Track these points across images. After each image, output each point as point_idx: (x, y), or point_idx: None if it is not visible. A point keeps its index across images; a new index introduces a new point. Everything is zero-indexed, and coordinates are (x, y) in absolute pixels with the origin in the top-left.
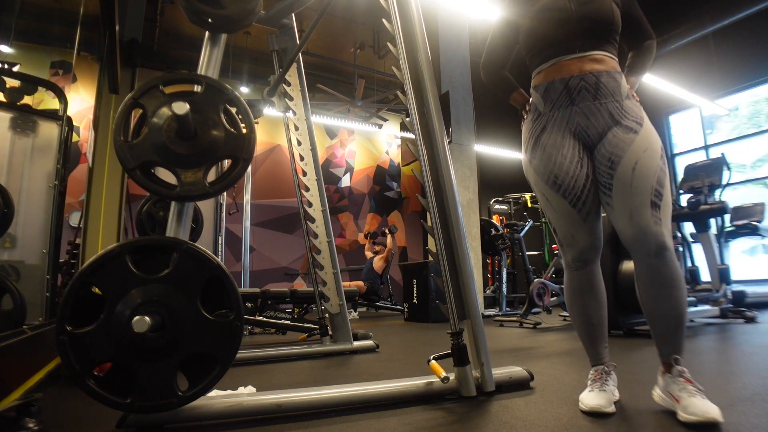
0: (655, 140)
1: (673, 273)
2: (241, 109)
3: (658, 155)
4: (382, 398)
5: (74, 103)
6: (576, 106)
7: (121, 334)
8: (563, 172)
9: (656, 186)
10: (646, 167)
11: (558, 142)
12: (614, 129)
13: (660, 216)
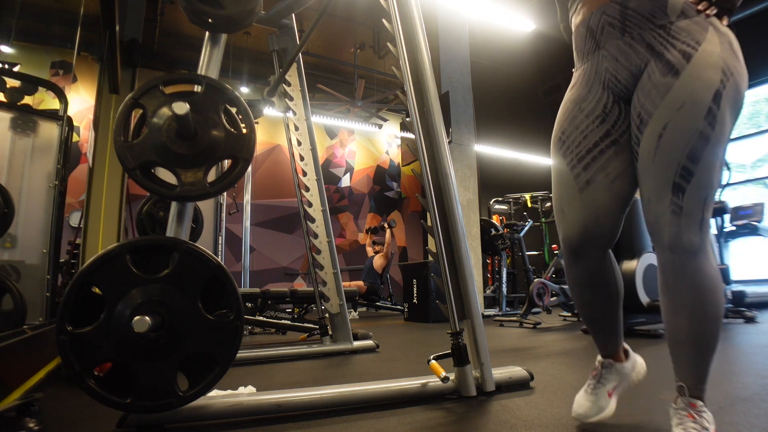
0: (704, 83)
1: (699, 279)
2: (241, 109)
3: (703, 109)
4: (382, 398)
5: (74, 103)
6: (603, 49)
7: (122, 334)
8: (573, 126)
9: (685, 161)
10: (676, 134)
11: (581, 95)
12: (651, 65)
13: (683, 203)
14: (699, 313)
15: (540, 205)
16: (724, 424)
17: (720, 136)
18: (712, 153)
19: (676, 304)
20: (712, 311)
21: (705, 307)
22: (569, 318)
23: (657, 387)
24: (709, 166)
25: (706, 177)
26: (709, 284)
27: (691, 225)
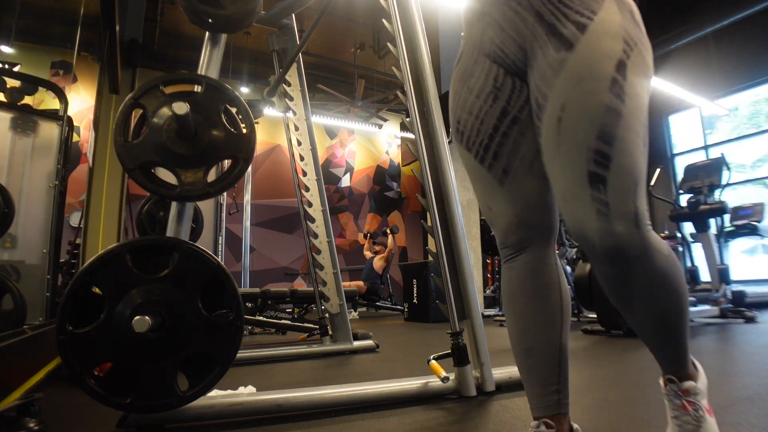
0: (604, 53)
1: (653, 284)
2: (242, 109)
3: (606, 81)
4: (382, 398)
5: (74, 103)
6: (487, 14)
7: (122, 334)
8: (466, 113)
9: (597, 144)
10: (578, 113)
11: (467, 70)
12: (543, 40)
13: (607, 197)
14: (663, 314)
15: None
16: (724, 424)
17: (635, 110)
18: (629, 130)
19: (635, 311)
20: (676, 305)
21: (667, 305)
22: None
23: (657, 387)
24: (628, 145)
25: (629, 159)
26: (666, 283)
27: (625, 226)
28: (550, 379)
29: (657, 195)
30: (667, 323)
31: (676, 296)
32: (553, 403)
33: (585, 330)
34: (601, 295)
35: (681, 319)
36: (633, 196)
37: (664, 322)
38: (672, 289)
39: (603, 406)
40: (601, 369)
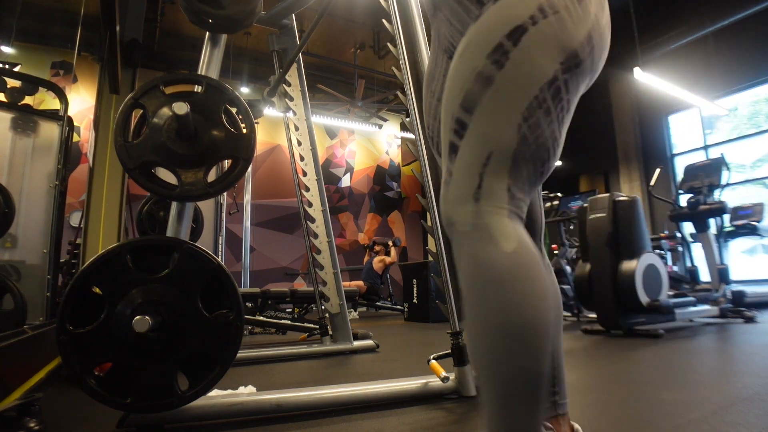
0: (501, 19)
1: (473, 270)
2: (242, 109)
3: (488, 46)
4: (382, 398)
5: (75, 104)
6: (439, 9)
7: (122, 334)
8: (431, 117)
9: (458, 112)
10: (452, 83)
11: (430, 72)
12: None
13: (453, 166)
14: (476, 317)
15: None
16: (724, 424)
17: (517, 77)
18: (499, 98)
19: (464, 303)
20: (488, 318)
21: (479, 309)
22: (569, 318)
23: (657, 387)
24: (491, 114)
25: (488, 129)
26: (484, 276)
27: (460, 194)
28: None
29: (657, 195)
30: (478, 342)
31: (491, 312)
32: (550, 405)
33: (585, 330)
34: (601, 295)
35: (498, 347)
36: (481, 167)
37: (476, 337)
38: (490, 299)
39: (603, 406)
40: (601, 369)
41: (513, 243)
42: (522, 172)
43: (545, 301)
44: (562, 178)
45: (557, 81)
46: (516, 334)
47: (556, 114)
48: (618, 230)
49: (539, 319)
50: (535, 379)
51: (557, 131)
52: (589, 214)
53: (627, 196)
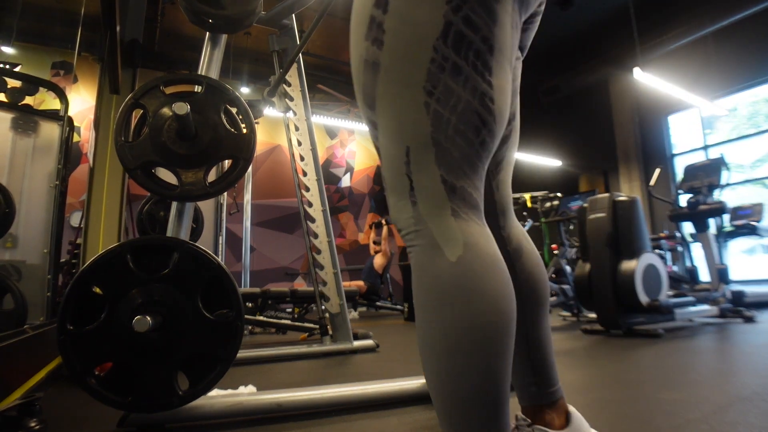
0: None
1: (416, 281)
2: (242, 109)
3: (364, 25)
4: (382, 398)
5: (75, 104)
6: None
7: (122, 334)
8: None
9: (367, 112)
10: (354, 79)
11: None
12: None
13: (384, 170)
14: (423, 335)
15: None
16: (724, 424)
17: (401, 51)
18: (391, 84)
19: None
20: (435, 336)
21: (426, 327)
22: (569, 318)
23: (657, 387)
24: (391, 103)
25: (393, 122)
26: (429, 291)
27: (396, 200)
28: (524, 372)
29: (657, 195)
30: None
31: (429, 325)
32: (531, 394)
33: (585, 330)
34: (601, 294)
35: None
36: (404, 167)
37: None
38: (432, 312)
39: (603, 405)
40: (601, 369)
41: (458, 249)
42: (453, 154)
43: (497, 314)
44: (562, 178)
45: (452, 25)
46: (464, 353)
47: (470, 64)
48: (618, 230)
49: (489, 334)
50: (487, 397)
51: (482, 83)
52: (589, 214)
53: (627, 196)
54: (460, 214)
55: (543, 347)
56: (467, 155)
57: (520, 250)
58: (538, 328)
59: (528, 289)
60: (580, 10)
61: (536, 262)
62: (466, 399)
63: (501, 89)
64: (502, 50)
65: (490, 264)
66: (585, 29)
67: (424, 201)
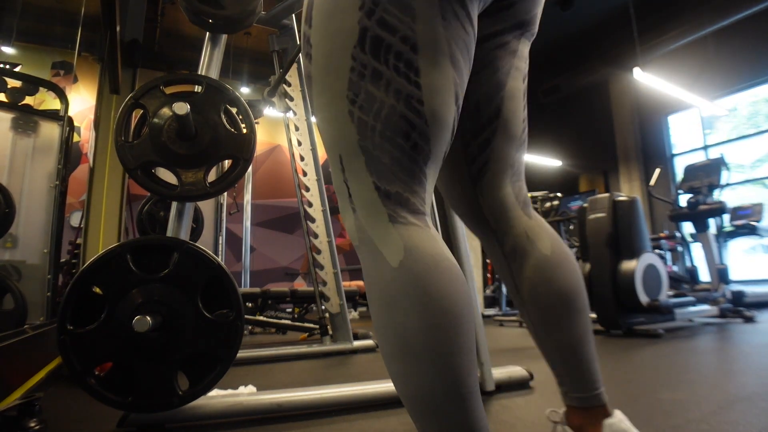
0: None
1: (366, 288)
2: (242, 109)
3: (302, 43)
4: (382, 398)
5: (75, 104)
6: None
7: (122, 334)
8: None
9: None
10: None
11: None
12: None
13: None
14: (379, 340)
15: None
16: (723, 424)
17: (324, 63)
18: (320, 95)
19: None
20: (388, 340)
21: (379, 332)
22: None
23: (656, 387)
24: (323, 114)
25: (327, 133)
26: (377, 298)
27: (342, 208)
28: (556, 372)
29: (657, 195)
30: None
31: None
32: (562, 394)
33: None
34: (601, 295)
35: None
36: (341, 175)
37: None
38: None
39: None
40: (601, 369)
41: (399, 254)
42: (383, 160)
43: (442, 315)
44: (561, 178)
45: (367, 30)
46: (416, 354)
47: (391, 68)
48: (618, 230)
49: (437, 335)
50: (447, 396)
51: (407, 85)
52: (589, 214)
53: (627, 196)
54: (398, 219)
55: (561, 351)
56: (398, 160)
57: (515, 253)
58: (551, 332)
59: (527, 293)
60: (580, 10)
61: (538, 264)
62: (428, 399)
63: (434, 88)
64: (433, 46)
65: (433, 265)
66: (585, 29)
67: (361, 208)
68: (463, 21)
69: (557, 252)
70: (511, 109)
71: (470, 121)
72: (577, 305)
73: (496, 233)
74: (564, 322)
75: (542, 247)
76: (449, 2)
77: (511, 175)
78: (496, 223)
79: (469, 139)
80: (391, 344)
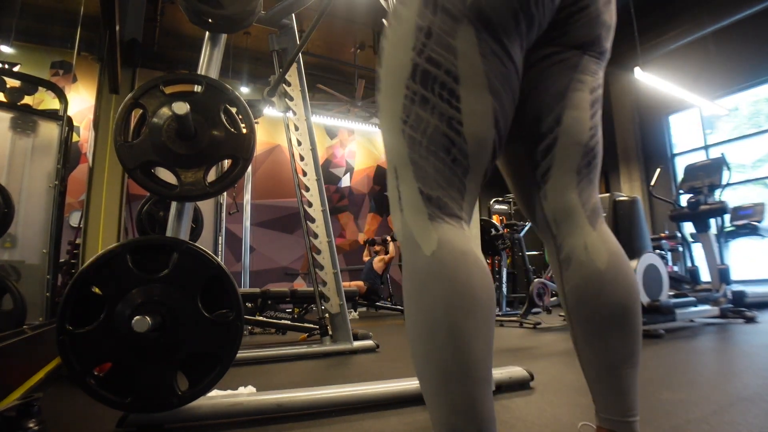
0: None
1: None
2: (241, 109)
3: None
4: (382, 398)
5: (74, 103)
6: None
7: (122, 334)
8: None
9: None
10: None
11: None
12: None
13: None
14: (407, 323)
15: None
16: (724, 424)
17: (384, 92)
18: (382, 117)
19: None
20: (415, 322)
21: (408, 314)
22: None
23: (657, 387)
24: (383, 131)
25: (386, 147)
26: (411, 282)
27: (392, 210)
28: (589, 387)
29: (657, 195)
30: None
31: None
32: (595, 412)
33: None
34: None
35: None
36: (395, 182)
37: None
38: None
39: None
40: None
41: (432, 245)
42: (427, 170)
43: (462, 298)
44: None
45: (418, 65)
46: (434, 332)
47: (436, 95)
48: (618, 230)
49: (455, 315)
50: (457, 374)
51: (449, 109)
52: None
53: (627, 196)
54: (436, 218)
55: (596, 369)
56: (440, 171)
57: (569, 261)
58: (589, 347)
59: (573, 302)
60: None
61: (589, 277)
62: (442, 377)
63: (472, 113)
64: (472, 78)
65: (461, 258)
66: None
67: (407, 209)
68: (501, 57)
69: (613, 268)
70: (573, 117)
71: (533, 130)
72: (622, 325)
73: (555, 238)
74: (604, 340)
75: (598, 261)
76: (487, 43)
77: (578, 182)
78: (557, 229)
79: (533, 146)
80: (419, 325)
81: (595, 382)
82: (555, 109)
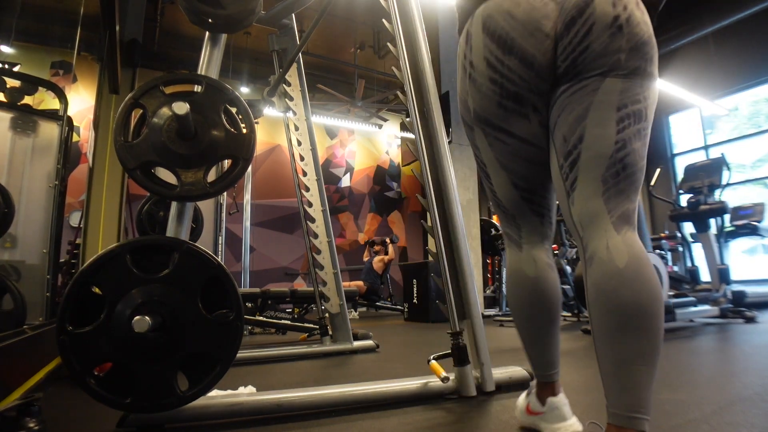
0: None
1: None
2: (242, 109)
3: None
4: (382, 398)
5: (74, 103)
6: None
7: (122, 334)
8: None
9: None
10: None
11: None
12: None
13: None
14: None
15: None
16: (724, 424)
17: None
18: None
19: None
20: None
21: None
22: (569, 318)
23: (657, 387)
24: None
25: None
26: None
27: (506, 242)
28: (602, 381)
29: (657, 195)
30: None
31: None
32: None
33: (585, 330)
34: None
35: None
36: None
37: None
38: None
39: (603, 406)
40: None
41: (511, 265)
42: (500, 216)
43: (513, 299)
44: None
45: (477, 157)
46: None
47: (483, 175)
48: None
49: (513, 308)
50: (524, 340)
51: (487, 182)
52: None
53: None
54: (508, 245)
55: (608, 364)
56: (502, 217)
57: (593, 259)
58: (603, 342)
59: (593, 297)
60: None
61: (608, 274)
62: (521, 339)
63: (497, 184)
64: (490, 163)
65: (512, 275)
66: None
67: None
68: (503, 140)
69: (633, 268)
70: (595, 134)
71: (562, 148)
72: (637, 323)
73: (582, 240)
74: (619, 335)
75: (618, 260)
76: (491, 134)
77: (604, 191)
78: (582, 231)
79: (563, 161)
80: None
81: (605, 376)
82: (577, 129)
